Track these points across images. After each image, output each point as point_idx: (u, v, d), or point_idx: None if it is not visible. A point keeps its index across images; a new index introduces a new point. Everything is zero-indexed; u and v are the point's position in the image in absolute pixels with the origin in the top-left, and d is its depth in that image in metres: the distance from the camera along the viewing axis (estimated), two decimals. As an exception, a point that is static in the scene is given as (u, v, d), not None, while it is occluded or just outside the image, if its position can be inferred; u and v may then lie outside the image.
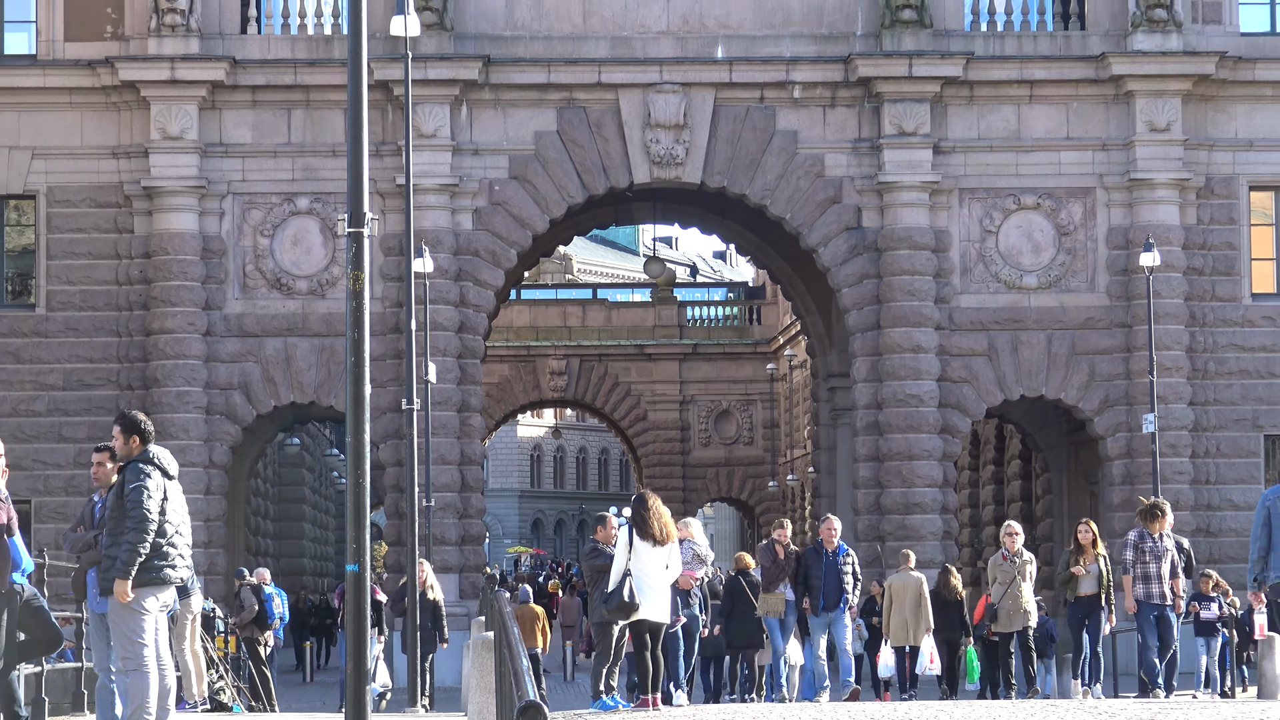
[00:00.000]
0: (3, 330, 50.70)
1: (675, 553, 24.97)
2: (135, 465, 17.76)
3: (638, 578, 24.39)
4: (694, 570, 28.69)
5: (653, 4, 52.08)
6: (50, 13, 50.86)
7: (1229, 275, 52.35)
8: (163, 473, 17.77)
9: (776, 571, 31.23)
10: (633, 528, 24.58)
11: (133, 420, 18.24)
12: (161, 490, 17.64)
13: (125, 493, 17.72)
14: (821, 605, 30.77)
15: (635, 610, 24.32)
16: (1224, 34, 52.39)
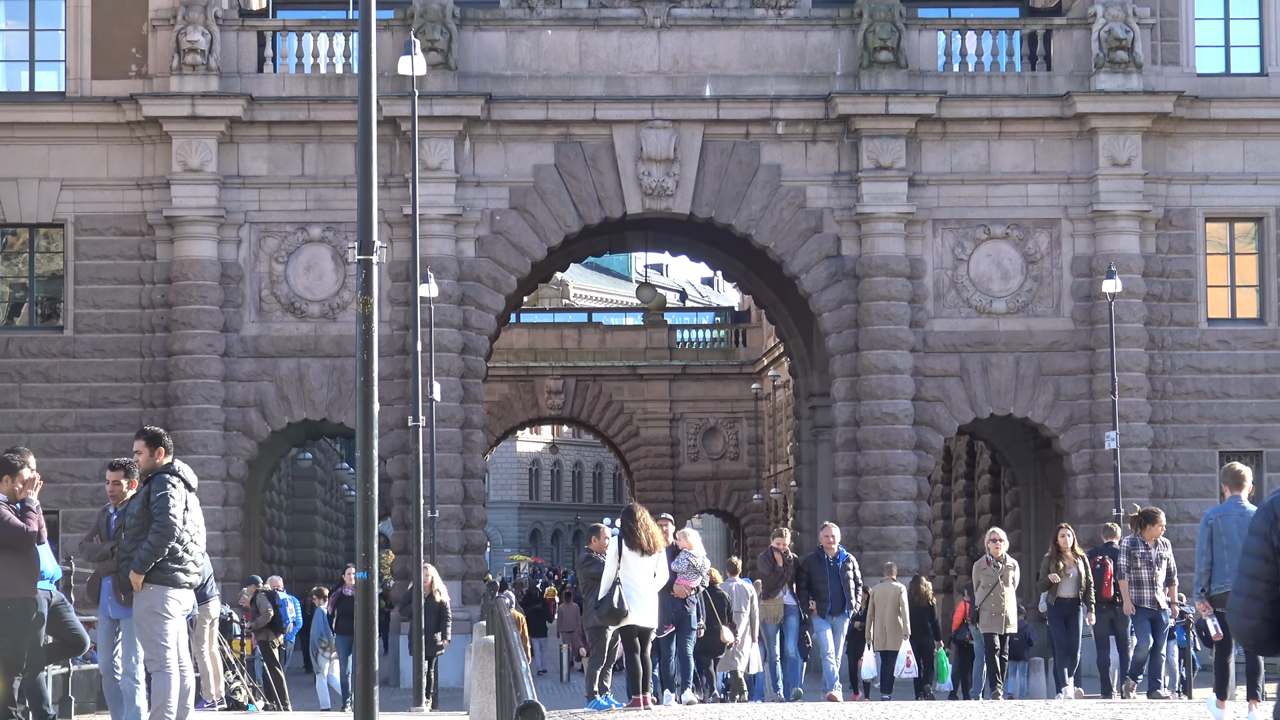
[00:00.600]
0: (33, 351, 50.70)
1: (662, 562, 25.17)
2: (161, 476, 17.82)
3: (627, 585, 24.59)
4: (690, 580, 28.57)
5: (645, 45, 52.13)
6: (78, 52, 50.89)
7: (1186, 301, 52.39)
8: (185, 484, 17.82)
9: (776, 578, 31.25)
10: (622, 539, 24.78)
11: (155, 434, 18.27)
12: (184, 500, 17.69)
13: (151, 500, 17.74)
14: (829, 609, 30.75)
15: (625, 616, 24.62)
16: (1181, 74, 52.46)
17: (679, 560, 28.47)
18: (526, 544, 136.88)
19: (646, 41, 52.16)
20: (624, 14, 52.03)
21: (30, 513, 18.47)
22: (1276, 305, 52.55)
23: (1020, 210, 52.03)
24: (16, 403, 50.25)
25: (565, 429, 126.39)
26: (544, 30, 52.10)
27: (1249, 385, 51.81)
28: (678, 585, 28.18)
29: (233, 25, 51.35)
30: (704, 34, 52.20)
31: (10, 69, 51.33)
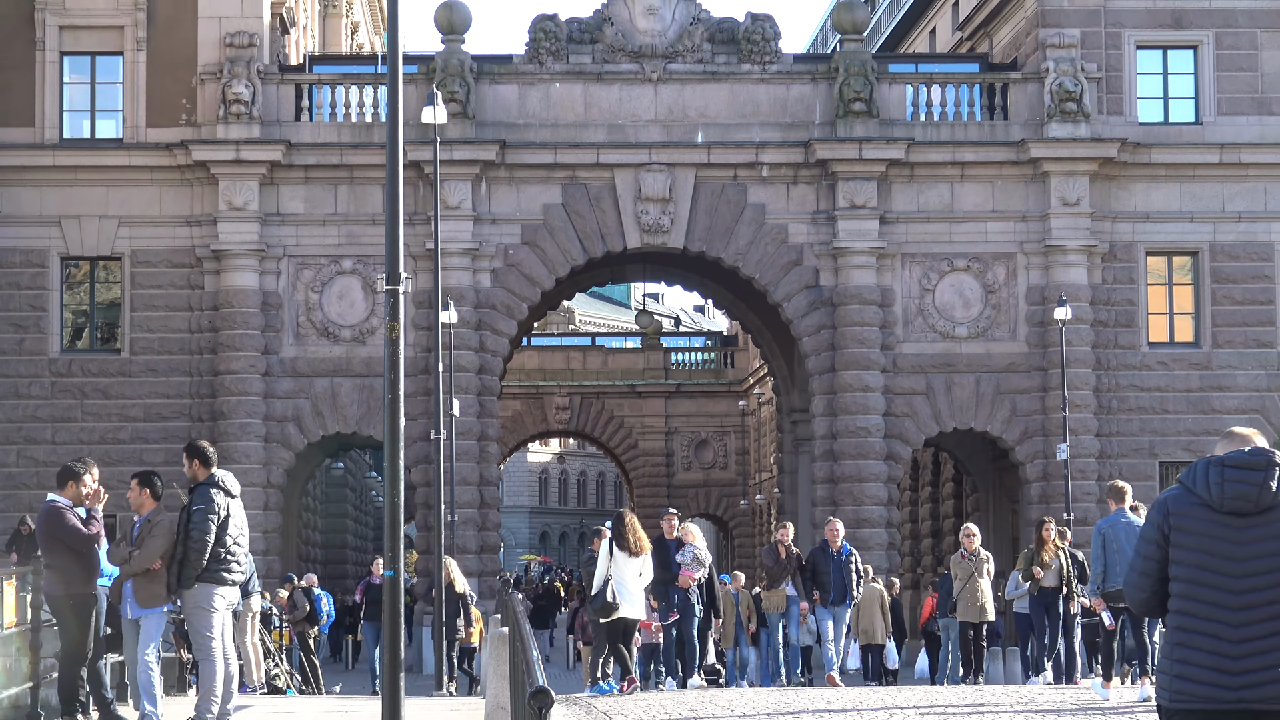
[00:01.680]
0: (93, 371, 50.70)
1: (648, 561, 25.41)
2: (203, 489, 17.82)
3: (617, 582, 24.89)
4: (692, 571, 28.25)
5: (643, 97, 52.16)
6: (134, 103, 50.92)
7: (1129, 327, 52.41)
8: (225, 493, 17.81)
9: (779, 570, 30.59)
10: (612, 541, 24.96)
11: (195, 447, 18.29)
12: (224, 509, 17.69)
13: (190, 514, 17.78)
14: (832, 599, 29.97)
15: (616, 610, 24.99)
16: (1125, 123, 52.51)
17: (683, 553, 28.28)
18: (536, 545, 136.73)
19: (644, 93, 52.20)
20: (624, 69, 52.07)
21: (93, 519, 18.49)
22: (1210, 331, 52.55)
23: (980, 245, 52.05)
24: (78, 417, 50.26)
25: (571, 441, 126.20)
26: (553, 83, 52.15)
27: (1186, 402, 51.83)
28: (682, 575, 28.01)
29: (273, 78, 51.41)
30: (696, 87, 52.24)
31: (73, 118, 51.31)
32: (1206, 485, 8.84)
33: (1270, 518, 8.73)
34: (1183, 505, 8.89)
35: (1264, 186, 52.79)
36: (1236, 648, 8.60)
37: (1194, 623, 8.71)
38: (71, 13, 50.95)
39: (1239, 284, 52.57)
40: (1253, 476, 8.80)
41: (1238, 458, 8.88)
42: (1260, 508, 8.74)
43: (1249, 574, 8.67)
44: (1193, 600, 8.74)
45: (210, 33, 50.89)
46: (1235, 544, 8.72)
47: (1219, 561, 8.72)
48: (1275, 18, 53.13)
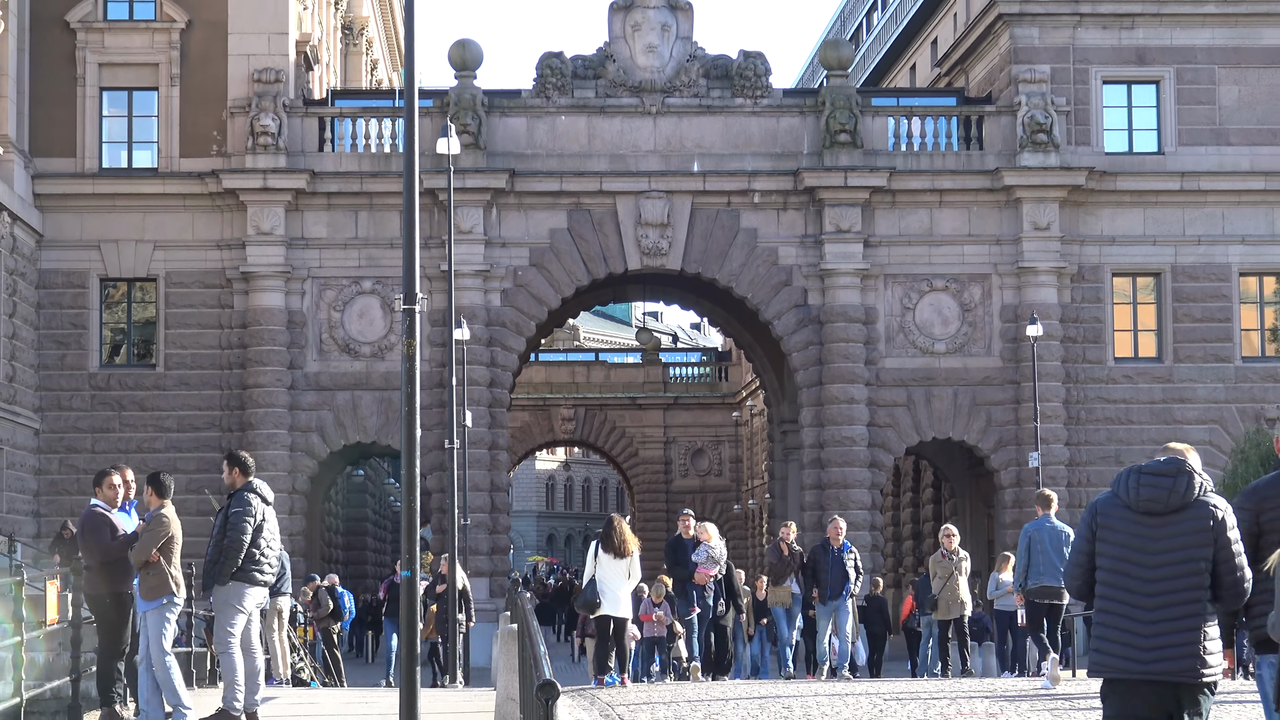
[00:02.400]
0: (130, 385, 50.73)
1: (635, 563, 25.24)
2: (241, 495, 17.86)
3: (602, 582, 24.91)
4: (709, 569, 27.93)
5: (643, 129, 52.21)
6: (169, 135, 50.99)
7: (1096, 343, 52.44)
8: (262, 499, 17.84)
9: (783, 567, 29.76)
10: (599, 543, 24.94)
11: (235, 456, 18.30)
12: (260, 515, 17.71)
13: (228, 516, 17.79)
14: (829, 594, 28.96)
15: (597, 607, 24.92)
16: (1092, 153, 52.56)
17: (699, 551, 27.95)
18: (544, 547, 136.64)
19: (644, 126, 52.25)
20: (625, 102, 52.12)
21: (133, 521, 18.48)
22: (1172, 347, 52.58)
23: (957, 267, 52.08)
24: (116, 428, 50.29)
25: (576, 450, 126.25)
26: (559, 116, 52.20)
27: (1149, 413, 51.85)
28: (699, 573, 27.71)
29: (298, 112, 51.47)
30: (692, 119, 52.29)
31: (112, 149, 51.38)
32: (1126, 489, 9.81)
33: (1180, 517, 9.61)
34: (1109, 507, 9.84)
35: (1222, 212, 52.85)
36: (1148, 628, 9.44)
37: (1113, 605, 9.60)
38: (110, 51, 51.01)
39: (1199, 303, 52.60)
40: (1163, 482, 9.70)
41: (1153, 465, 9.87)
42: (1171, 509, 9.63)
43: (1160, 565, 9.54)
44: (1113, 587, 9.63)
45: (239, 69, 50.96)
46: (1150, 539, 9.61)
47: (1135, 554, 9.62)
48: (1231, 54, 53.20)
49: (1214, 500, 9.71)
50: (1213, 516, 9.64)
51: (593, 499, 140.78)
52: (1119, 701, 9.61)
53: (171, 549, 17.83)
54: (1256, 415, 51.09)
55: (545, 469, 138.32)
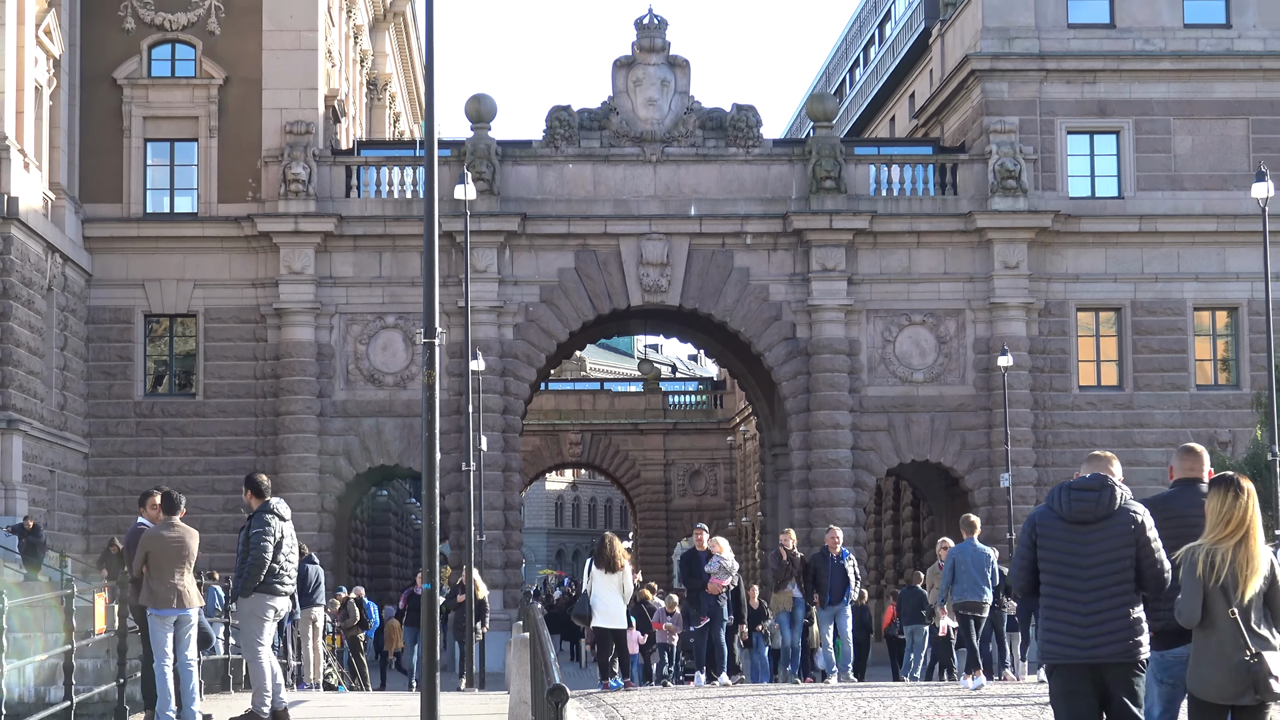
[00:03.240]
0: (171, 412, 50.76)
1: (627, 577, 25.21)
2: (260, 515, 17.83)
3: (595, 595, 24.84)
4: (721, 579, 27.31)
5: (644, 176, 52.29)
6: (208, 182, 51.09)
7: (1062, 373, 52.47)
8: (279, 517, 17.81)
9: (783, 572, 28.61)
10: (594, 559, 24.95)
11: (251, 480, 18.31)
12: (279, 532, 17.71)
13: (249, 536, 17.79)
14: (828, 600, 28.03)
15: (588, 619, 25.20)
16: (1057, 198, 52.65)
17: (711, 563, 27.39)
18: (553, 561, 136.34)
19: (645, 173, 52.32)
20: (628, 152, 52.21)
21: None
22: (1132, 376, 52.61)
23: (934, 303, 52.11)
24: (159, 452, 50.30)
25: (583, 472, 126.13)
26: (566, 164, 52.29)
27: (1111, 437, 51.77)
28: (711, 584, 27.20)
29: (326, 161, 51.55)
30: (689, 167, 52.37)
31: (155, 195, 51.44)
32: (1059, 504, 10.54)
33: (1107, 524, 10.39)
34: (1045, 519, 10.58)
35: (1177, 252, 52.91)
36: (1085, 619, 10.26)
37: (1056, 602, 10.42)
38: (154, 105, 51.12)
39: (1156, 335, 52.64)
40: (1089, 496, 10.45)
41: (1080, 482, 10.59)
42: (1098, 518, 10.39)
43: (1092, 565, 10.35)
44: (1055, 586, 10.44)
45: (273, 122, 51.06)
46: (1082, 545, 10.40)
47: (1071, 559, 10.41)
48: (1185, 107, 53.30)
49: (1134, 507, 10.47)
50: (1134, 521, 10.41)
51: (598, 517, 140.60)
52: (1063, 681, 10.42)
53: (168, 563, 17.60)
54: (1210, 439, 51.01)
55: (554, 489, 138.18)
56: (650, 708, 21.48)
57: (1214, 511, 9.96)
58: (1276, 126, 53.31)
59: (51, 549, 40.40)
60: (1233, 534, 9.89)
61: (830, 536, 28.68)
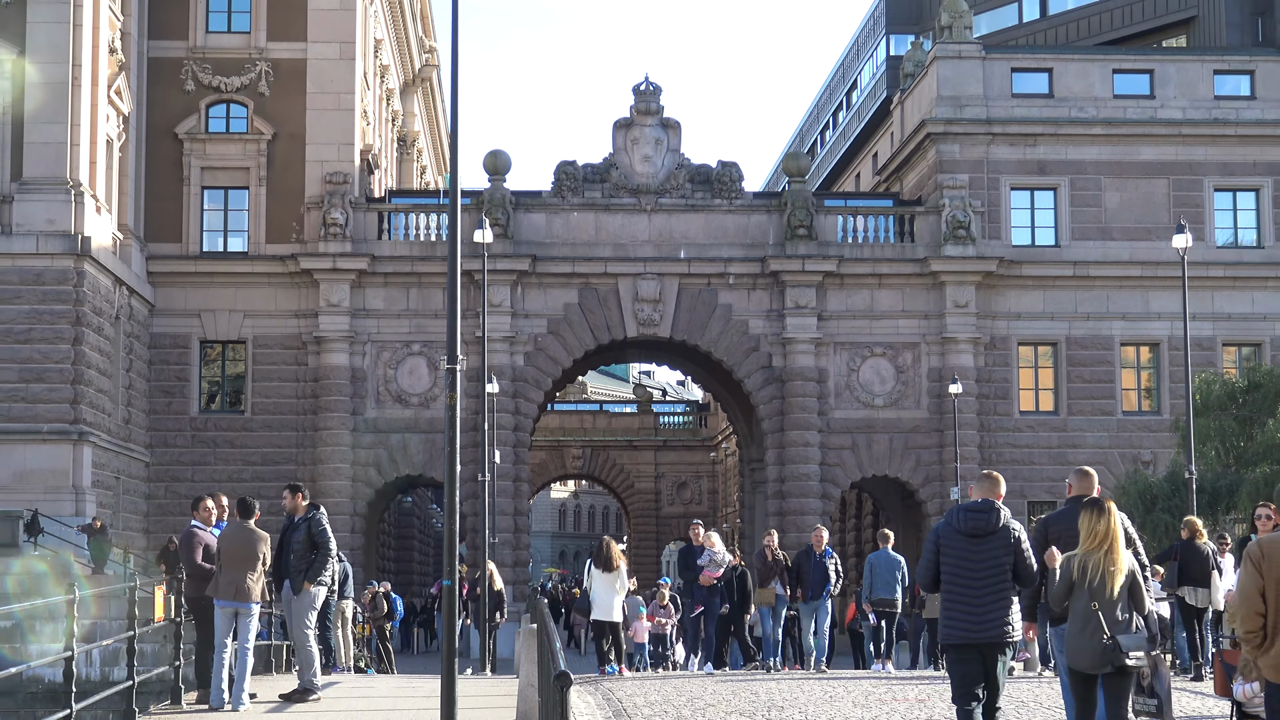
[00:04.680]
0: (223, 427, 50.70)
1: (623, 575, 25.24)
2: (317, 517, 17.93)
3: (594, 592, 24.93)
4: (713, 572, 26.52)
5: (639, 223, 52.33)
6: (257, 225, 51.13)
7: (1005, 399, 52.48)
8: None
9: (767, 571, 27.14)
10: (593, 559, 24.94)
11: (296, 486, 18.46)
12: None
13: (314, 533, 17.78)
14: (810, 595, 26.62)
15: (589, 613, 25.51)
16: (1002, 246, 52.72)
17: (704, 556, 26.60)
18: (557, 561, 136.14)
19: (641, 221, 52.36)
20: (625, 202, 52.27)
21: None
22: (1066, 402, 52.65)
23: (893, 337, 52.14)
24: (212, 462, 50.23)
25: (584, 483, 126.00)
26: (572, 212, 52.32)
27: (1047, 456, 51.85)
28: (703, 576, 26.43)
29: (361, 207, 51.58)
30: (680, 216, 52.41)
31: (210, 236, 51.46)
32: (957, 521, 12.13)
33: (993, 538, 12.08)
34: (946, 532, 12.22)
35: (1106, 294, 52.99)
36: (974, 609, 11.91)
37: (954, 596, 12.04)
38: (210, 157, 51.17)
39: (1087, 367, 52.67)
40: (980, 516, 12.13)
41: (973, 505, 12.18)
42: (986, 533, 12.08)
43: (980, 569, 12.01)
44: (952, 584, 12.08)
45: (315, 173, 51.12)
46: (973, 553, 12.06)
47: (965, 564, 12.04)
48: (1114, 167, 53.43)
49: (1013, 525, 12.22)
50: (1013, 535, 12.15)
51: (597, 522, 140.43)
52: (957, 654, 12.09)
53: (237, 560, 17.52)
54: (1134, 459, 51.11)
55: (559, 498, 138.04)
56: (642, 690, 21.43)
57: (1085, 528, 11.52)
58: (1193, 185, 53.44)
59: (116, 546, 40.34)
60: (1100, 545, 11.45)
61: (816, 535, 27.61)
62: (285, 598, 18.60)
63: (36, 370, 42.78)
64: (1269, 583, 9.44)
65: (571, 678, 8.96)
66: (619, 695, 20.57)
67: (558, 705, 8.68)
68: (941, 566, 12.16)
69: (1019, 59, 55.29)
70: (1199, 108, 53.85)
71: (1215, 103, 53.97)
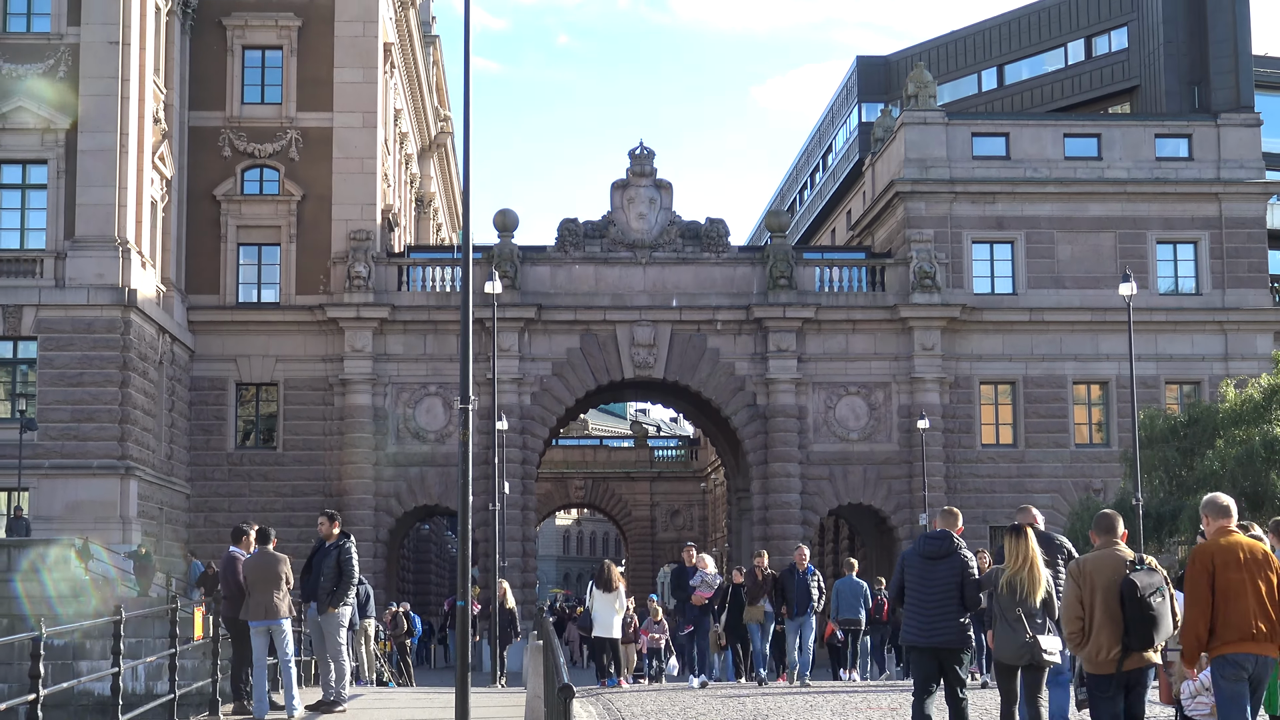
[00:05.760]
0: (257, 461, 50.62)
1: (621, 596, 25.28)
2: (347, 547, 17.97)
3: (595, 611, 24.89)
4: (705, 592, 25.83)
5: (635, 274, 52.39)
6: (288, 278, 51.16)
7: (968, 433, 52.46)
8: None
9: (756, 589, 26.36)
10: (594, 581, 24.96)
11: (330, 514, 18.43)
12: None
13: (341, 559, 17.80)
14: (795, 611, 25.54)
15: (592, 630, 25.92)
16: (964, 294, 52.79)
17: (696, 577, 25.90)
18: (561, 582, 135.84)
19: (636, 273, 52.43)
20: (623, 255, 52.34)
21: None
22: (1024, 436, 52.63)
23: (866, 377, 52.15)
24: (247, 494, 50.14)
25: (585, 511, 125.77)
26: (574, 265, 52.38)
27: (1007, 485, 51.81)
28: (696, 595, 25.73)
29: (382, 262, 51.64)
30: (672, 268, 52.48)
31: (245, 288, 51.47)
32: (920, 547, 13.23)
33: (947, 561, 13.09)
34: (910, 556, 13.30)
35: (1060, 338, 53.04)
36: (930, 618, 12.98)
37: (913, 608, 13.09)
38: (245, 217, 51.27)
39: (1043, 404, 52.69)
40: (937, 542, 13.18)
41: (933, 534, 13.30)
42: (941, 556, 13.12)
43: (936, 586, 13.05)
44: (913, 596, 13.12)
45: (340, 230, 51.20)
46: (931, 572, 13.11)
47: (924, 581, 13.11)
48: (1066, 222, 53.58)
49: (964, 551, 13.19)
50: (963, 559, 13.12)
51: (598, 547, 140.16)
52: (917, 656, 13.14)
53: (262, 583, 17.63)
54: (1086, 487, 51.07)
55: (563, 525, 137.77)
56: (639, 700, 21.37)
57: (1009, 551, 12.60)
58: (1138, 238, 53.58)
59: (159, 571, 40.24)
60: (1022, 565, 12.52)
61: (798, 554, 26.63)
62: (311, 617, 18.60)
63: (87, 410, 42.77)
64: (1085, 593, 11.16)
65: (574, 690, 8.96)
66: (618, 705, 20.52)
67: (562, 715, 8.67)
68: (906, 584, 13.20)
69: (979, 125, 55.49)
70: (1142, 168, 54.04)
71: (1156, 164, 54.18)
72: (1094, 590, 11.08)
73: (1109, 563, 11.19)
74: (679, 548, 33.07)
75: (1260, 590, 10.37)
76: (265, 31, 51.29)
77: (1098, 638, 11.04)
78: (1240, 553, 10.46)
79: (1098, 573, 11.14)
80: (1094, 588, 11.09)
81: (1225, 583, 10.37)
